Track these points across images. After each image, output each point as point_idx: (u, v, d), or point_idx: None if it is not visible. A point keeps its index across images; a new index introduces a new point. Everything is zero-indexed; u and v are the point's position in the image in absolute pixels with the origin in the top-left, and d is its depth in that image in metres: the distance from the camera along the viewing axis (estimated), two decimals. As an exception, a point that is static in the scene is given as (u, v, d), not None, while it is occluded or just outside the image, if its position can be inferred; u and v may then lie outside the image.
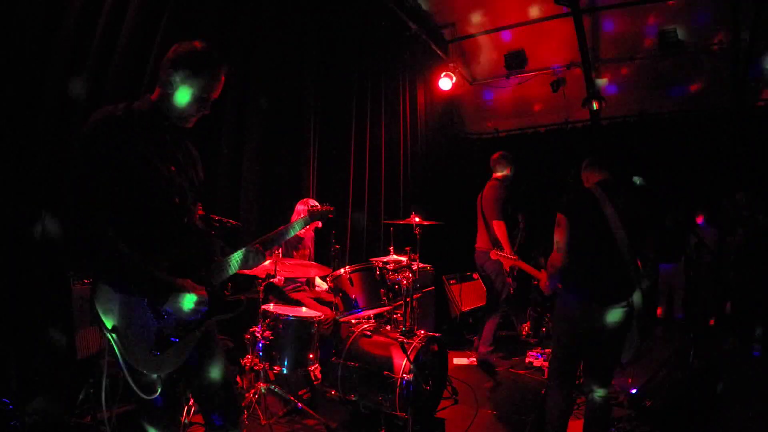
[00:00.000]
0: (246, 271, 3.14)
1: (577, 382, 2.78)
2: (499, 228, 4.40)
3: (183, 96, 1.66)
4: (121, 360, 1.46)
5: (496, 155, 4.76)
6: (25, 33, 2.54)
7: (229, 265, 1.77)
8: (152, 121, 1.65)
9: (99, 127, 1.52)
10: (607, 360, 2.51)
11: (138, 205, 1.55)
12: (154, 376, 1.55)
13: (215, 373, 1.75)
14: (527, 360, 4.73)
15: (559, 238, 2.48)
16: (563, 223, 2.47)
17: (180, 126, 1.73)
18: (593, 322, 2.42)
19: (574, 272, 2.46)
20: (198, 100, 1.68)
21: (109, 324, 1.47)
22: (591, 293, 2.42)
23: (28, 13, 2.54)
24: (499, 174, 4.70)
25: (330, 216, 2.35)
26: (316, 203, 3.99)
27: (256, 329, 3.20)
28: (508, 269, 4.46)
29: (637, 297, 2.42)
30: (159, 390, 1.55)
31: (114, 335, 1.46)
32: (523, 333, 5.82)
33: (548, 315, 5.64)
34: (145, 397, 1.51)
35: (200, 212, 1.82)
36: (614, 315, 2.40)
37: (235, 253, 1.79)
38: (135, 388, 1.48)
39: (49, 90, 2.68)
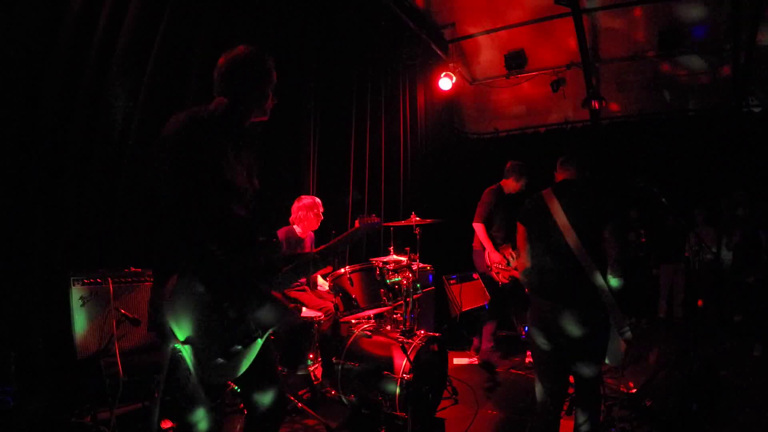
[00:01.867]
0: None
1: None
2: (477, 230, 4.52)
3: (259, 95, 1.74)
4: (191, 369, 1.46)
5: (508, 164, 4.75)
6: (27, 31, 2.55)
7: (295, 276, 1.80)
8: (230, 126, 1.68)
9: (189, 127, 1.52)
10: (586, 363, 2.42)
11: (222, 212, 1.55)
12: (218, 383, 1.55)
13: (267, 374, 1.77)
14: (527, 360, 4.73)
15: (519, 245, 2.62)
16: (520, 230, 2.61)
17: (252, 128, 1.79)
18: (557, 322, 2.38)
19: (533, 275, 2.54)
20: (268, 96, 1.78)
21: (182, 335, 1.44)
22: (548, 293, 2.45)
23: (29, 11, 2.55)
24: (503, 182, 4.73)
25: (379, 228, 2.38)
26: (317, 200, 4.00)
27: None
28: (490, 265, 4.49)
29: (606, 297, 2.35)
30: (221, 397, 1.57)
31: (188, 346, 1.45)
32: (523, 333, 5.81)
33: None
34: (212, 403, 1.52)
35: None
36: (576, 315, 2.35)
37: (298, 263, 1.81)
38: (204, 394, 1.49)
39: (49, 88, 2.68)
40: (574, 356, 2.43)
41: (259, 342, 1.65)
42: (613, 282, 2.36)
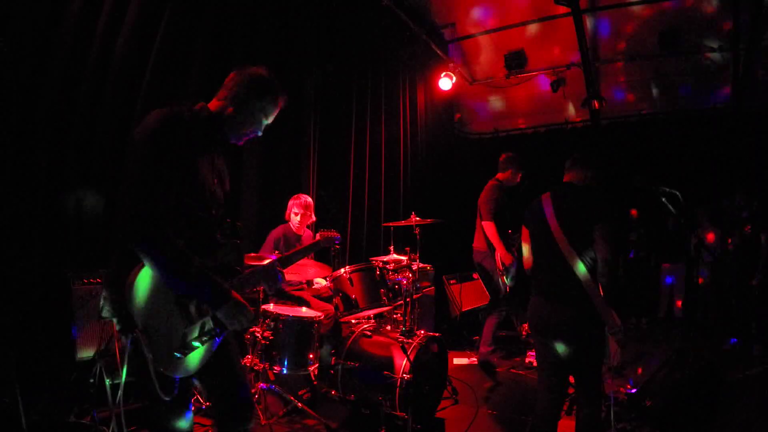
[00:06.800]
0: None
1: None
2: (488, 229, 4.39)
3: (244, 116, 1.73)
4: (148, 358, 1.46)
5: (503, 156, 4.72)
6: (27, 29, 2.55)
7: (254, 280, 1.83)
8: (208, 130, 1.69)
9: (168, 121, 1.53)
10: (582, 365, 2.45)
11: (184, 210, 1.56)
12: (173, 377, 1.56)
13: (226, 369, 1.78)
14: (527, 360, 4.73)
15: (524, 244, 2.79)
16: (524, 230, 2.77)
17: (229, 141, 1.79)
18: (547, 318, 2.46)
19: (533, 273, 2.68)
20: (257, 122, 1.77)
21: (139, 322, 1.46)
22: (541, 292, 2.55)
23: (29, 11, 2.55)
24: (500, 175, 4.69)
25: (336, 245, 2.46)
26: (309, 198, 3.98)
27: (256, 329, 3.20)
28: (501, 268, 4.44)
29: (596, 297, 2.35)
30: (176, 391, 1.55)
31: (147, 335, 1.46)
32: (523, 333, 5.81)
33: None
34: (164, 397, 1.50)
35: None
36: (564, 312, 2.40)
37: (258, 269, 1.86)
38: (157, 387, 1.48)
39: (48, 87, 2.68)
40: (566, 354, 2.44)
41: (217, 340, 1.67)
42: (602, 281, 2.38)
